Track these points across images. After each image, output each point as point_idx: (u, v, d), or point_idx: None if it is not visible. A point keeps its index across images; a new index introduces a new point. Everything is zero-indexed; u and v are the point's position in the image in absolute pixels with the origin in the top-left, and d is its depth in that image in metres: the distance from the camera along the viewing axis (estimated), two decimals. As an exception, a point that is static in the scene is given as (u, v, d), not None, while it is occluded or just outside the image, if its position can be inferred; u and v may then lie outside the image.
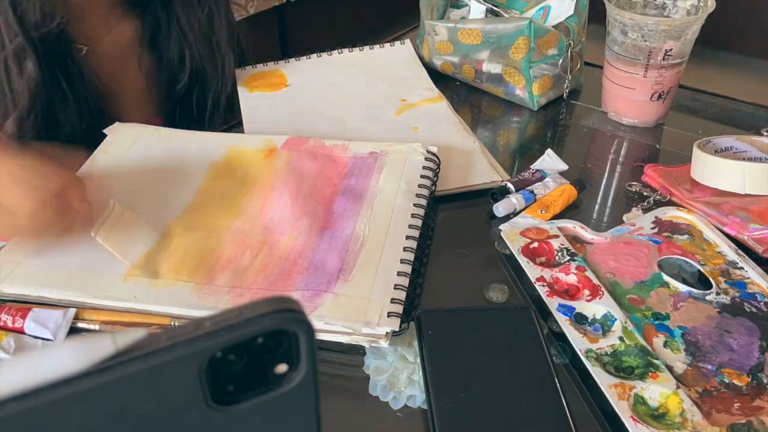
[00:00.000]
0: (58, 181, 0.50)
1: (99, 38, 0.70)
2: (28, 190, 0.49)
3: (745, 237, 0.57)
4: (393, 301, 0.49)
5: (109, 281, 0.51)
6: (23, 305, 0.49)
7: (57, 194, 0.50)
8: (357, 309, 0.48)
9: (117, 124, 0.69)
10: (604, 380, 0.43)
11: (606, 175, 0.69)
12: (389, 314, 0.47)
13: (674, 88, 0.74)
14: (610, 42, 0.73)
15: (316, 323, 0.47)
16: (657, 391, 0.42)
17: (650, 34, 0.68)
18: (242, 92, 0.80)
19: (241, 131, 0.73)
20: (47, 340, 0.48)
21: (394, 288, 0.50)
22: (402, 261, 0.52)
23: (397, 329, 0.47)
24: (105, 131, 0.68)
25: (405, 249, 0.53)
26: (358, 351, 0.47)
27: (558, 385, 0.43)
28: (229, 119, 0.81)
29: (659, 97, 0.73)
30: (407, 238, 0.54)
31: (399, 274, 0.51)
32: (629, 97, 0.74)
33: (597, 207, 0.64)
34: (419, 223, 0.56)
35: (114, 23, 0.71)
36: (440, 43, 0.82)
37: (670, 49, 0.69)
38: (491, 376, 0.43)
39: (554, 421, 0.41)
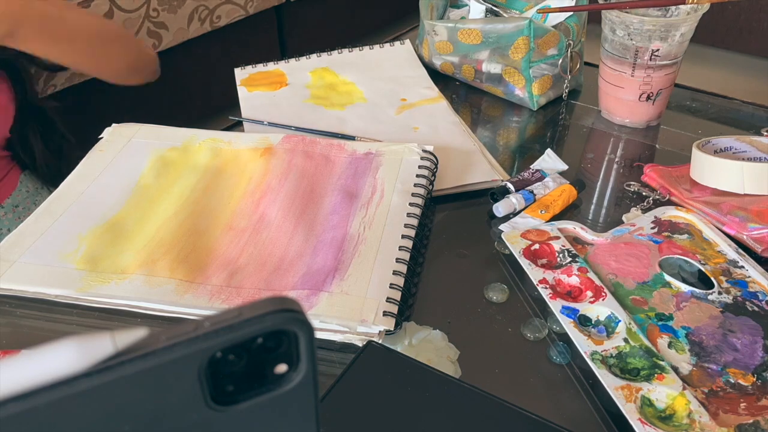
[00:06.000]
0: None
1: None
2: None
3: (744, 236, 0.57)
4: (388, 300, 0.49)
5: (103, 279, 0.51)
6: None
7: None
8: (352, 308, 0.48)
9: (114, 125, 0.69)
10: (610, 383, 0.43)
11: (605, 175, 0.69)
12: (384, 313, 0.47)
13: (666, 90, 0.73)
14: (603, 39, 0.73)
15: (312, 322, 0.47)
16: (663, 392, 0.42)
17: (636, 33, 0.68)
18: (242, 92, 0.80)
19: (241, 131, 0.73)
20: None
21: (390, 287, 0.50)
22: (398, 260, 0.52)
23: (391, 329, 0.47)
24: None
25: (401, 248, 0.53)
26: (350, 349, 0.48)
27: None
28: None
29: (648, 98, 0.73)
30: (403, 237, 0.54)
31: (394, 273, 0.51)
32: (619, 96, 0.74)
33: (596, 207, 0.64)
34: (415, 222, 0.56)
35: None
36: (440, 43, 0.82)
37: (657, 50, 0.69)
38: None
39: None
